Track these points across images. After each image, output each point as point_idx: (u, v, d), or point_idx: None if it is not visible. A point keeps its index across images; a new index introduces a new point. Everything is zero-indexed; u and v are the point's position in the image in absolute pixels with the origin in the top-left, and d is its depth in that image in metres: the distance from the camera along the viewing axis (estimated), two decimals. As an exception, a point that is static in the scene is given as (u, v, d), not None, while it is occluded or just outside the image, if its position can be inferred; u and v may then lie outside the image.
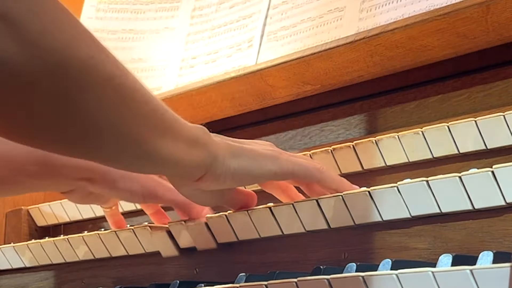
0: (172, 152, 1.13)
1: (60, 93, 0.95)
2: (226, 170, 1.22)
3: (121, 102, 1.02)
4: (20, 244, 1.87)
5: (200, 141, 1.18)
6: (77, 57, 0.95)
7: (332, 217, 1.32)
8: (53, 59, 0.93)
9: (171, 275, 1.58)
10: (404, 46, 1.54)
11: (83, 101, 0.98)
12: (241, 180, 1.26)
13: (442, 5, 1.50)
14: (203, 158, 1.19)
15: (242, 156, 1.24)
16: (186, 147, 1.15)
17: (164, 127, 1.11)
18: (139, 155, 1.10)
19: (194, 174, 1.21)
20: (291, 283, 1.22)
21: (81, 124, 1.00)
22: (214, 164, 1.21)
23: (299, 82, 1.72)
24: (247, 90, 1.78)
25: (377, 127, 1.66)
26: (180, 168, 1.17)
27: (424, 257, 1.24)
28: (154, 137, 1.09)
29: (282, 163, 1.29)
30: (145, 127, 1.08)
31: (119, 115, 1.03)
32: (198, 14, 2.04)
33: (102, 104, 1.00)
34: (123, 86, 1.02)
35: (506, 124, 1.29)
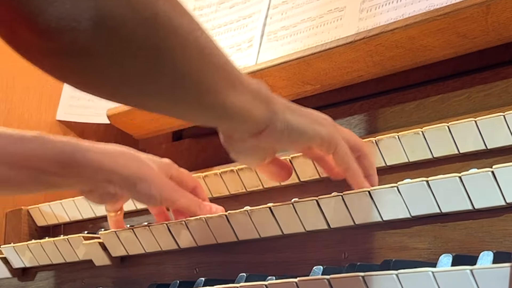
0: (241, 103, 1.18)
1: (152, 44, 1.01)
2: (285, 125, 1.25)
3: (200, 52, 1.09)
4: (20, 244, 1.87)
5: (262, 95, 1.22)
6: (164, 10, 1.01)
7: (332, 217, 1.32)
8: (146, 11, 0.98)
9: (171, 275, 1.58)
10: (404, 46, 1.54)
11: (170, 50, 1.04)
12: (295, 139, 1.28)
13: (442, 5, 1.50)
14: (265, 112, 1.23)
15: (299, 115, 1.28)
16: (252, 100, 1.20)
17: (234, 79, 1.17)
18: (213, 105, 1.16)
19: (255, 128, 1.24)
20: (291, 283, 1.22)
21: (168, 73, 1.06)
22: (274, 118, 1.24)
23: (299, 82, 1.72)
24: (247, 90, 1.78)
25: (377, 127, 1.66)
26: (244, 120, 1.21)
27: (424, 257, 1.24)
28: (226, 87, 1.15)
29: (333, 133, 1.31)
30: (219, 77, 1.14)
31: (199, 64, 1.09)
32: (198, 14, 2.04)
33: (185, 53, 1.06)
34: (201, 38, 1.08)
35: (506, 124, 1.29)
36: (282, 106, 1.25)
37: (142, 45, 1.00)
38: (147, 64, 1.02)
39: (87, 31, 0.94)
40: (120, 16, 0.96)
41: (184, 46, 1.05)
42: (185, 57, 1.06)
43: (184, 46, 1.06)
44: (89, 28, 0.94)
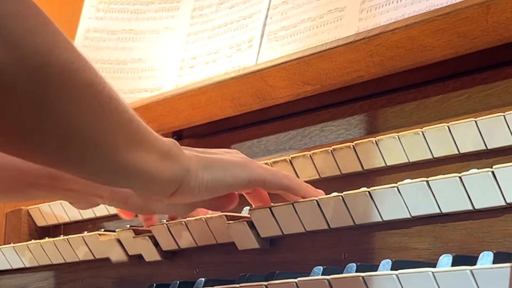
0: (145, 164, 1.11)
1: (40, 97, 0.94)
2: (199, 182, 1.21)
3: (99, 109, 1.02)
4: (20, 244, 1.87)
5: (172, 154, 1.17)
6: (58, 61, 0.95)
7: (332, 217, 1.32)
8: (35, 61, 0.92)
9: (171, 275, 1.58)
10: (404, 46, 1.54)
11: (62, 106, 0.97)
12: (215, 191, 1.25)
13: (442, 5, 1.50)
14: (175, 171, 1.17)
15: (214, 167, 1.24)
16: (158, 160, 1.14)
17: (138, 137, 1.10)
18: (113, 166, 1.09)
19: (167, 189, 1.19)
20: (291, 283, 1.22)
21: (59, 130, 0.99)
22: (187, 177, 1.19)
23: (299, 82, 1.72)
24: (247, 90, 1.78)
25: (377, 127, 1.66)
26: (153, 181, 1.15)
27: (424, 257, 1.24)
28: (128, 147, 1.08)
29: (254, 170, 1.29)
30: (120, 136, 1.07)
31: (97, 123, 1.02)
32: (198, 14, 2.04)
33: (81, 110, 0.99)
34: (101, 93, 1.01)
35: (506, 124, 1.29)
36: (195, 163, 1.20)
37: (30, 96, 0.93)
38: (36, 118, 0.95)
39: None
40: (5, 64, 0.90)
41: (79, 101, 0.98)
42: (80, 113, 0.99)
43: (80, 102, 0.98)
44: None
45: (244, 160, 1.30)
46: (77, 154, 1.03)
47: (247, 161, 1.30)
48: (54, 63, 0.94)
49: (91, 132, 1.02)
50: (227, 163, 1.26)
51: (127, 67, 2.11)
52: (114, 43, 2.13)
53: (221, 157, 1.27)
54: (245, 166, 1.28)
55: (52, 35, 0.95)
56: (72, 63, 0.96)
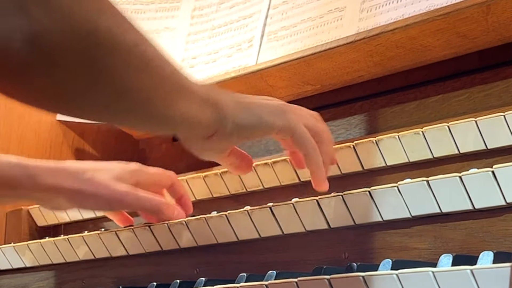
0: (188, 112, 1.18)
1: (91, 60, 0.99)
2: (235, 127, 1.26)
3: (144, 67, 1.07)
4: (20, 244, 1.87)
5: (210, 101, 1.22)
6: (105, 26, 0.99)
7: (332, 217, 1.32)
8: (84, 28, 0.96)
9: (171, 275, 1.58)
10: (404, 46, 1.54)
11: (112, 66, 1.02)
12: (249, 136, 1.31)
13: (442, 5, 1.50)
14: (213, 117, 1.23)
15: (250, 113, 1.28)
16: (199, 107, 1.20)
17: (181, 89, 1.16)
18: (159, 116, 1.15)
19: (205, 133, 1.25)
20: (291, 283, 1.22)
21: (110, 88, 1.04)
22: (224, 122, 1.25)
23: (299, 82, 1.72)
24: (247, 90, 1.78)
25: (377, 127, 1.66)
26: (193, 127, 1.22)
27: (425, 257, 1.24)
28: (173, 98, 1.15)
29: (288, 119, 1.32)
30: (165, 89, 1.13)
31: (143, 79, 1.08)
32: (198, 14, 2.04)
33: (129, 69, 1.05)
34: (145, 52, 1.07)
35: (506, 124, 1.29)
36: (231, 108, 1.26)
37: (81, 62, 0.98)
38: (88, 80, 1.00)
39: (21, 50, 0.92)
40: (55, 33, 0.94)
41: (127, 62, 1.04)
42: (128, 72, 1.05)
43: (128, 62, 1.04)
44: (23, 47, 0.92)
45: (280, 106, 1.33)
46: (128, 108, 1.10)
47: (283, 107, 1.33)
48: (102, 28, 0.99)
49: (139, 87, 1.08)
50: (263, 109, 1.30)
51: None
52: (114, 43, 2.13)
53: (257, 101, 1.31)
54: (281, 113, 1.32)
55: (99, 2, 0.99)
56: (118, 27, 1.01)
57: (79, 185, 1.48)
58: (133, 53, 1.05)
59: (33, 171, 1.46)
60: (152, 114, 1.14)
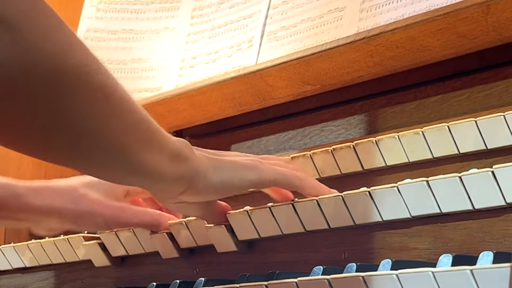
0: (155, 164, 1.14)
1: (54, 98, 0.95)
2: (207, 184, 1.23)
3: (110, 111, 1.03)
4: (20, 244, 1.87)
5: (182, 155, 1.19)
6: (72, 63, 0.96)
7: (332, 217, 1.32)
8: (49, 63, 0.93)
9: (171, 275, 1.58)
10: (404, 46, 1.54)
11: (75, 107, 0.98)
12: (223, 192, 1.28)
13: (442, 5, 1.50)
14: (184, 172, 1.19)
15: (223, 169, 1.25)
16: (169, 160, 1.16)
17: (149, 138, 1.12)
18: (124, 166, 1.11)
19: (176, 188, 1.21)
20: (291, 283, 1.22)
21: (72, 130, 1.00)
22: (196, 178, 1.21)
23: (299, 82, 1.72)
24: (247, 90, 1.78)
25: (377, 127, 1.66)
26: (162, 181, 1.18)
27: (424, 257, 1.24)
28: (139, 147, 1.10)
29: (262, 172, 1.30)
30: (132, 136, 1.08)
31: (109, 123, 1.04)
32: (198, 14, 2.04)
33: (93, 112, 1.01)
34: (113, 95, 1.03)
35: (506, 124, 1.29)
36: (204, 165, 1.22)
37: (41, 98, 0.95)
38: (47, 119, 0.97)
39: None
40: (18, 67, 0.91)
41: (92, 104, 1.00)
42: (92, 115, 1.01)
43: (92, 105, 1.00)
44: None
45: (253, 162, 1.31)
46: (88, 152, 1.05)
47: (257, 163, 1.31)
48: (68, 66, 0.95)
49: (102, 132, 1.03)
50: (236, 165, 1.27)
51: (127, 67, 2.10)
52: (114, 43, 2.13)
53: (230, 159, 1.28)
54: (254, 168, 1.29)
55: (67, 38, 0.96)
56: (85, 66, 0.98)
57: (72, 204, 1.44)
58: (99, 96, 1.01)
59: (21, 191, 1.41)
60: (115, 164, 1.10)
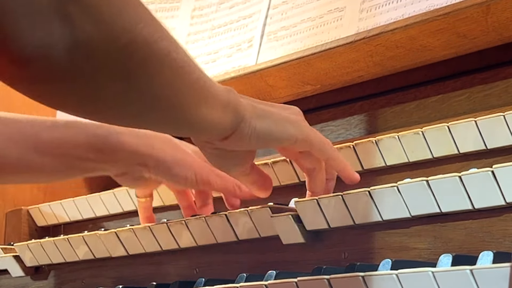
0: (210, 116, 1.19)
1: (127, 70, 1.01)
2: (251, 131, 1.26)
3: (175, 74, 1.09)
4: (20, 244, 1.87)
5: (231, 104, 1.23)
6: (142, 35, 1.01)
7: (332, 217, 1.32)
8: (123, 37, 0.98)
9: (171, 275, 1.58)
10: (404, 46, 1.54)
11: (146, 74, 1.04)
12: (264, 142, 1.29)
13: (442, 5, 1.50)
14: (232, 119, 1.23)
15: (267, 118, 1.28)
16: (221, 111, 1.21)
17: (205, 94, 1.17)
18: (183, 121, 1.17)
19: (221, 134, 1.25)
20: (291, 283, 1.22)
21: (143, 95, 1.06)
22: (241, 125, 1.25)
23: (299, 82, 1.72)
24: (247, 90, 1.78)
25: (377, 127, 1.66)
26: (213, 129, 1.23)
27: (424, 257, 1.24)
28: (198, 104, 1.16)
29: (303, 129, 1.32)
30: (192, 95, 1.14)
31: (173, 86, 1.10)
32: (198, 14, 2.04)
33: (161, 77, 1.07)
34: (176, 60, 1.09)
35: (506, 124, 1.29)
36: (249, 112, 1.26)
37: (117, 71, 1.00)
38: (122, 88, 1.03)
39: (62, 58, 0.94)
40: (95, 43, 0.96)
41: (160, 70, 1.06)
42: (160, 81, 1.07)
43: (160, 71, 1.06)
44: (63, 56, 0.94)
45: (297, 118, 1.33)
46: (157, 113, 1.12)
47: (300, 120, 1.33)
48: (139, 38, 1.00)
49: (169, 94, 1.10)
50: (279, 117, 1.30)
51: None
52: (114, 43, 2.13)
53: (275, 110, 1.31)
54: (296, 124, 1.31)
55: (136, 11, 1.01)
56: (153, 35, 1.03)
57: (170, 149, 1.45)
58: (166, 62, 1.06)
59: (121, 130, 1.42)
60: (177, 119, 1.16)
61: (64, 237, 1.76)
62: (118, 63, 1.00)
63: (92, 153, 1.42)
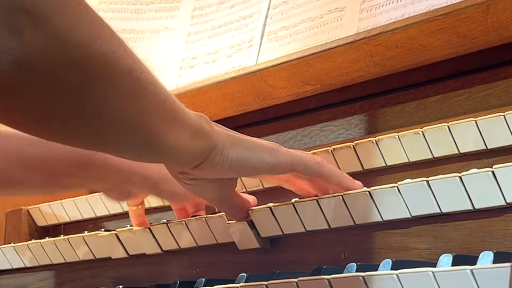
0: (178, 141, 1.14)
1: (84, 86, 0.96)
2: (224, 158, 1.22)
3: (137, 94, 1.04)
4: (20, 244, 1.87)
5: (202, 130, 1.19)
6: (100, 51, 0.96)
7: (332, 217, 1.32)
8: (78, 53, 0.94)
9: (171, 275, 1.58)
10: (404, 46, 1.54)
11: (103, 94, 0.99)
12: (238, 171, 1.26)
13: (442, 5, 1.50)
14: (204, 146, 1.20)
15: (241, 146, 1.24)
16: (190, 137, 1.16)
17: (172, 117, 1.13)
18: (147, 145, 1.12)
19: (192, 162, 1.21)
20: (291, 283, 1.22)
21: (100, 116, 1.02)
22: (213, 152, 1.21)
23: (299, 82, 1.72)
24: (247, 90, 1.78)
25: (377, 127, 1.66)
26: (182, 157, 1.18)
27: (424, 257, 1.24)
28: (163, 127, 1.11)
29: (280, 155, 1.29)
30: (156, 117, 1.09)
31: (135, 107, 1.05)
32: (198, 14, 2.04)
33: (121, 97, 1.02)
34: (139, 79, 1.04)
35: (506, 124, 1.29)
36: (222, 140, 1.22)
37: (72, 87, 0.95)
38: (77, 106, 0.98)
39: (9, 72, 0.89)
40: (48, 57, 0.91)
41: (120, 89, 1.01)
42: (120, 101, 1.02)
43: (120, 89, 1.01)
44: (12, 69, 0.89)
45: (272, 145, 1.30)
46: (116, 136, 1.07)
47: (276, 147, 1.30)
48: (96, 55, 0.96)
49: (130, 115, 1.05)
50: (254, 145, 1.27)
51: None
52: (114, 43, 2.13)
53: (249, 138, 1.28)
54: (272, 151, 1.28)
55: (96, 27, 0.96)
56: (113, 52, 0.98)
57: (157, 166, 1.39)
58: (127, 81, 1.01)
59: None
60: (141, 144, 1.11)
61: (64, 237, 1.76)
62: (71, 79, 0.94)
63: (77, 170, 1.40)
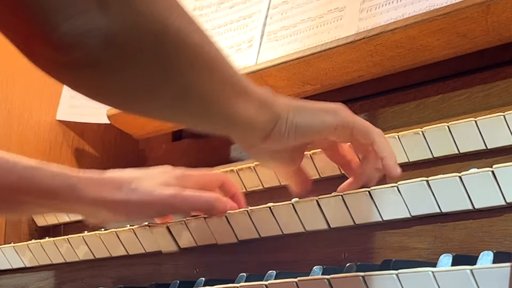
0: (246, 112, 1.20)
1: (160, 59, 1.02)
2: (289, 127, 1.27)
3: (208, 66, 1.11)
4: (20, 244, 1.87)
5: (268, 102, 1.24)
6: (174, 25, 1.02)
7: (332, 217, 1.32)
8: (155, 27, 1.00)
9: (171, 275, 1.58)
10: (404, 46, 1.54)
11: (178, 65, 1.05)
12: (304, 135, 1.30)
13: (442, 5, 1.50)
14: (269, 118, 1.25)
15: (304, 112, 1.29)
16: (257, 108, 1.22)
17: (240, 89, 1.19)
18: (218, 116, 1.19)
19: (260, 134, 1.26)
20: (291, 283, 1.22)
21: (175, 87, 1.08)
22: (279, 122, 1.26)
23: (299, 82, 1.72)
24: (247, 90, 1.78)
25: (377, 127, 1.66)
26: (249, 129, 1.24)
27: (424, 257, 1.24)
28: (232, 98, 1.17)
29: (343, 114, 1.31)
30: (226, 89, 1.16)
31: (206, 78, 1.11)
32: (198, 14, 2.03)
33: (193, 69, 1.08)
34: (209, 53, 1.10)
35: (506, 124, 1.29)
36: (285, 108, 1.27)
37: (150, 60, 1.02)
38: (155, 78, 1.04)
39: (98, 47, 0.96)
40: (131, 32, 0.97)
41: (193, 61, 1.07)
42: (193, 71, 1.08)
43: (193, 61, 1.07)
44: (100, 44, 0.96)
45: (336, 107, 1.32)
46: (190, 107, 1.14)
47: (338, 107, 1.32)
48: (172, 28, 1.02)
49: (202, 86, 1.11)
50: (317, 109, 1.31)
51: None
52: (114, 43, 2.13)
53: (312, 102, 1.32)
54: (335, 112, 1.31)
55: (169, 2, 1.02)
56: (186, 28, 1.04)
57: (123, 196, 1.42)
58: (199, 54, 1.08)
59: (75, 182, 1.40)
60: (211, 114, 1.17)
61: (64, 237, 1.76)
62: (151, 52, 1.01)
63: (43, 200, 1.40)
